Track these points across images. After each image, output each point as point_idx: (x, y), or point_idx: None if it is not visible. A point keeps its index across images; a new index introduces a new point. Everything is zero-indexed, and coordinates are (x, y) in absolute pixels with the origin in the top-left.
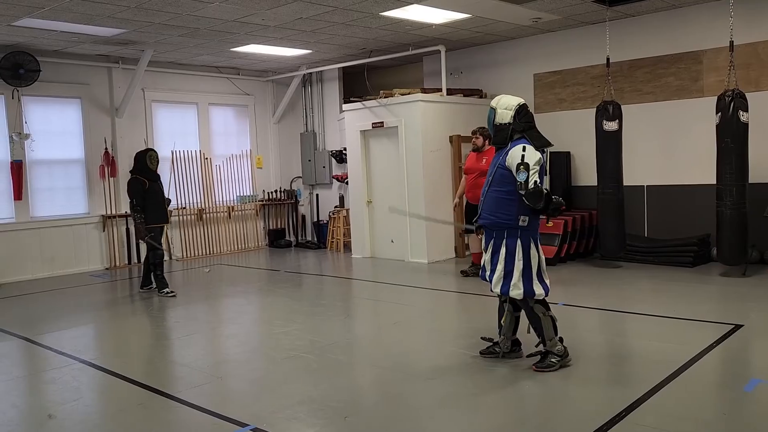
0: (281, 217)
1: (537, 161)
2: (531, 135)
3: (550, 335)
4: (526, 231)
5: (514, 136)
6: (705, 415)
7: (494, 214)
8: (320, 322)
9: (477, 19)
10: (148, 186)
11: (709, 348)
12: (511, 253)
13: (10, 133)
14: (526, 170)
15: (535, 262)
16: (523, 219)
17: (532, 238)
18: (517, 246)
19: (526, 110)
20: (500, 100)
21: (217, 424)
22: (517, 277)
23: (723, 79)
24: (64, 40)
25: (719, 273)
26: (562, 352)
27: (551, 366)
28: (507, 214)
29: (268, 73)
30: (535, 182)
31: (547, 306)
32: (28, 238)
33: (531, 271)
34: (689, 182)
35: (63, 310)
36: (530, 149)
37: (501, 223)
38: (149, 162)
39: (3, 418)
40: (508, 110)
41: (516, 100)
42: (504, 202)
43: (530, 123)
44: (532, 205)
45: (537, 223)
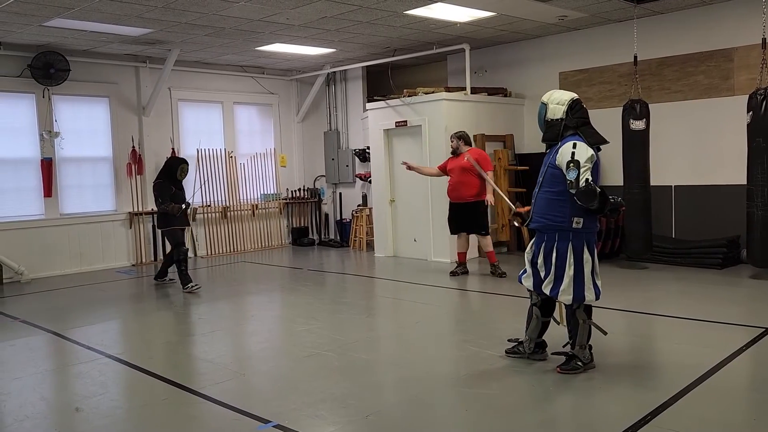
0: (304, 215)
1: (589, 158)
2: (585, 132)
3: (582, 342)
4: (579, 234)
5: (566, 132)
6: (733, 420)
7: (545, 216)
8: (342, 321)
9: (502, 18)
10: (174, 192)
11: (738, 352)
12: (563, 257)
13: (41, 131)
14: (577, 168)
15: (588, 266)
16: (577, 221)
17: (586, 240)
18: (568, 250)
19: (580, 105)
20: (552, 95)
21: (239, 419)
22: (567, 283)
23: (755, 77)
24: (93, 40)
25: (749, 275)
26: (588, 359)
27: (575, 369)
28: (559, 216)
29: (293, 72)
30: (586, 180)
31: (590, 313)
32: (58, 234)
33: (583, 275)
34: (719, 183)
35: (90, 305)
36: (581, 146)
37: (553, 225)
38: (180, 173)
39: (32, 411)
40: (561, 105)
41: (569, 95)
42: (555, 203)
43: (584, 119)
44: (585, 204)
45: (594, 224)
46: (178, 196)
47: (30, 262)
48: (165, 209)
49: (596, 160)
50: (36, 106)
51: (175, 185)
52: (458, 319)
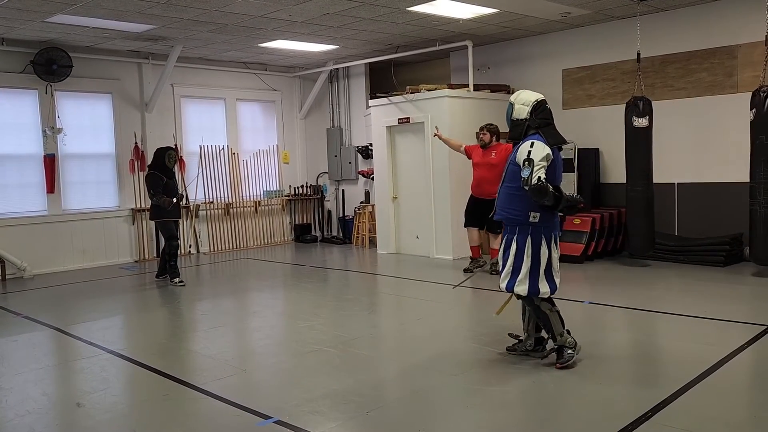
0: (307, 212)
1: (544, 157)
2: (546, 132)
3: (560, 330)
4: (537, 228)
5: (529, 132)
6: (734, 417)
7: (506, 210)
8: (344, 317)
9: (505, 14)
10: (165, 182)
11: (739, 349)
12: (521, 250)
13: (44, 127)
14: (530, 166)
15: (544, 259)
16: (534, 215)
17: (545, 235)
18: (526, 243)
19: (543, 106)
20: (519, 95)
21: (240, 415)
22: (524, 274)
23: (758, 75)
24: (96, 36)
25: (752, 273)
26: (573, 343)
27: (570, 358)
28: (517, 210)
29: (295, 69)
30: (538, 178)
31: (552, 302)
32: (61, 230)
33: (539, 268)
34: (722, 180)
35: (93, 301)
36: (538, 145)
37: (512, 219)
38: (167, 160)
39: (34, 406)
40: (525, 106)
41: (534, 96)
42: (515, 197)
43: (547, 120)
44: (537, 201)
45: (553, 219)
46: (170, 186)
47: (33, 258)
48: (157, 201)
49: (556, 159)
50: (39, 102)
51: (166, 175)
52: (459, 315)
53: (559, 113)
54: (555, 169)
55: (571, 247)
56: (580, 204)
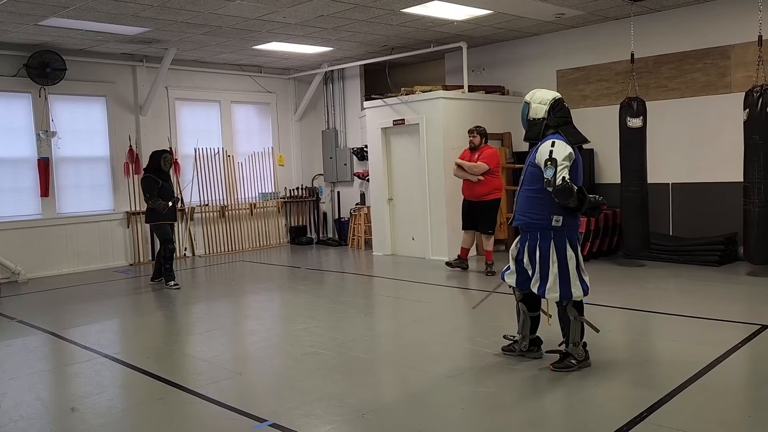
0: (303, 214)
1: (567, 156)
2: (566, 131)
3: (576, 339)
4: (560, 231)
5: (548, 131)
6: (729, 417)
7: (526, 214)
8: (340, 319)
9: (499, 15)
10: (161, 185)
11: (734, 349)
12: (545, 256)
13: (37, 130)
14: (554, 166)
15: (572, 263)
16: (557, 219)
17: (568, 238)
18: (551, 248)
19: (561, 105)
20: (534, 94)
21: (236, 419)
22: (553, 281)
23: (751, 75)
24: (90, 39)
25: (746, 272)
26: (582, 357)
27: (569, 367)
28: (539, 214)
29: (290, 71)
30: (563, 178)
31: (581, 310)
32: (55, 234)
33: (567, 272)
34: (716, 180)
35: (88, 305)
36: (560, 144)
37: (533, 224)
38: (163, 163)
39: (28, 411)
40: (543, 105)
41: (551, 95)
42: (535, 201)
43: (566, 118)
44: (562, 202)
45: (575, 222)
46: (165, 189)
47: (27, 262)
48: (152, 205)
49: (577, 159)
50: (32, 105)
51: (162, 177)
52: (455, 317)
53: None
54: (577, 170)
55: None
56: (603, 205)
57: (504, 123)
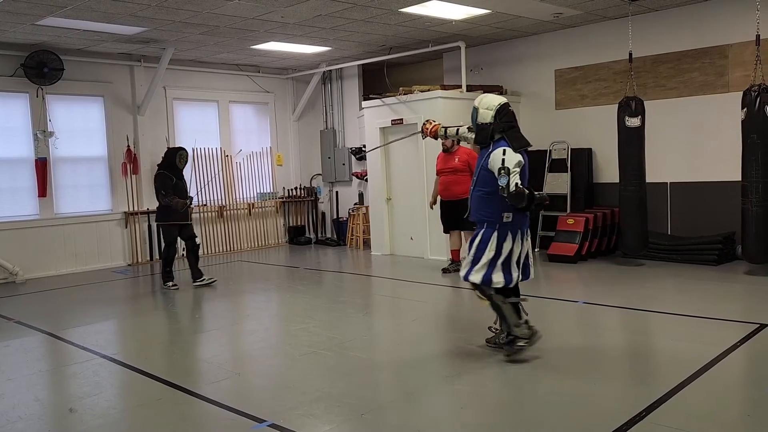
0: (301, 214)
1: (517, 163)
2: (510, 136)
3: (515, 321)
4: (506, 225)
5: (495, 135)
6: (728, 416)
7: (479, 212)
8: (339, 319)
9: (497, 15)
10: (174, 182)
11: (732, 347)
12: (485, 241)
13: (35, 131)
14: (507, 174)
15: (505, 253)
16: (507, 216)
17: (511, 231)
18: (492, 236)
19: (507, 110)
20: (482, 99)
21: (234, 419)
22: (482, 264)
23: (749, 74)
24: (87, 39)
25: (744, 271)
26: (527, 335)
27: (518, 351)
28: (490, 212)
29: (288, 71)
30: (516, 184)
31: (507, 293)
32: (53, 234)
33: (497, 260)
34: (714, 179)
35: (86, 305)
36: (510, 152)
37: (486, 220)
38: (178, 161)
39: (26, 412)
40: (489, 110)
41: (497, 100)
42: (487, 200)
43: (511, 123)
44: (515, 205)
45: (522, 218)
46: (179, 187)
47: (25, 263)
48: (168, 202)
49: (527, 161)
50: (30, 105)
51: (176, 175)
52: (454, 316)
53: (552, 113)
54: (524, 172)
55: (565, 247)
56: (546, 201)
57: None
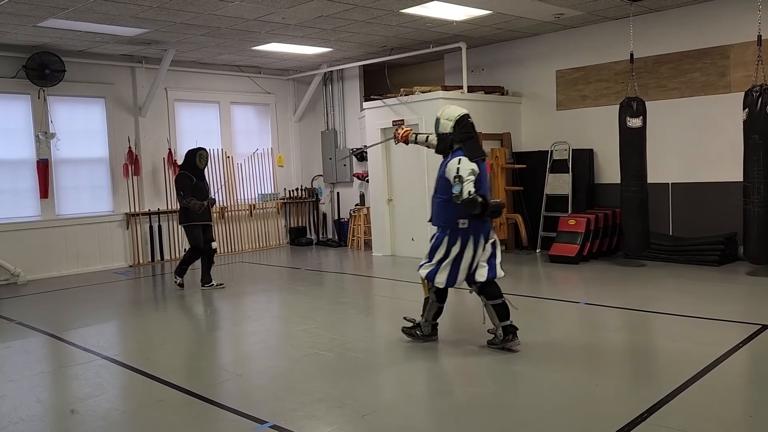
0: (302, 215)
1: (470, 172)
2: (467, 146)
3: (428, 317)
4: (459, 231)
5: (454, 145)
6: (730, 416)
7: (438, 218)
8: (340, 320)
9: (498, 16)
10: (195, 183)
11: (735, 348)
12: (437, 245)
13: (37, 132)
14: (461, 182)
15: (452, 256)
16: (463, 222)
17: (464, 237)
18: (444, 240)
19: (465, 121)
20: (444, 110)
21: (236, 420)
22: (433, 262)
23: (751, 75)
24: (88, 41)
25: (746, 272)
26: (428, 333)
27: (413, 336)
28: (447, 219)
29: (289, 72)
30: (469, 192)
31: (441, 298)
32: (54, 235)
33: (444, 261)
34: (716, 180)
35: (87, 306)
36: (465, 161)
37: (444, 225)
38: (198, 160)
39: (27, 413)
40: (449, 121)
41: (457, 112)
42: (445, 207)
43: (469, 133)
44: (469, 212)
45: (480, 224)
46: (199, 188)
47: (26, 264)
48: (186, 204)
49: (482, 171)
50: (31, 107)
51: (197, 175)
52: (455, 318)
53: (553, 114)
54: (480, 180)
55: (566, 248)
56: (503, 208)
57: (503, 123)
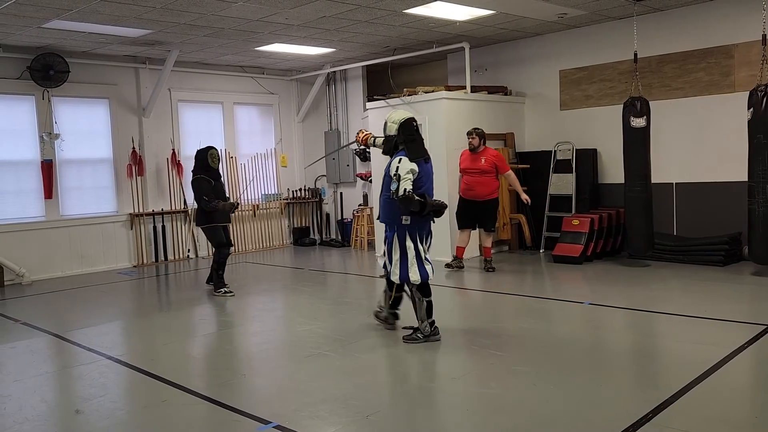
0: (305, 215)
1: (409, 171)
2: (409, 147)
3: (423, 317)
4: (404, 227)
5: (399, 147)
6: (735, 417)
7: (384, 214)
8: (343, 320)
9: (501, 16)
10: (213, 185)
11: (740, 349)
12: (391, 243)
13: (41, 133)
14: (398, 180)
15: (411, 253)
16: (405, 219)
17: (409, 232)
18: (394, 238)
19: (408, 124)
20: (391, 115)
21: (239, 421)
22: (395, 264)
23: (755, 74)
24: (92, 42)
25: (751, 272)
26: (428, 332)
27: (415, 340)
28: (393, 215)
29: (293, 72)
30: (405, 190)
31: (425, 292)
32: (58, 236)
33: (406, 259)
34: (720, 180)
35: (92, 306)
36: (405, 161)
37: (389, 221)
38: (210, 160)
39: (32, 413)
40: (394, 124)
41: (401, 116)
42: (390, 204)
43: (412, 136)
44: (405, 208)
45: (422, 222)
46: (218, 189)
47: (31, 264)
48: (214, 207)
49: (424, 171)
50: (36, 108)
51: (212, 176)
52: (460, 318)
53: (557, 114)
54: (423, 179)
55: (570, 248)
56: (444, 207)
57: (507, 123)
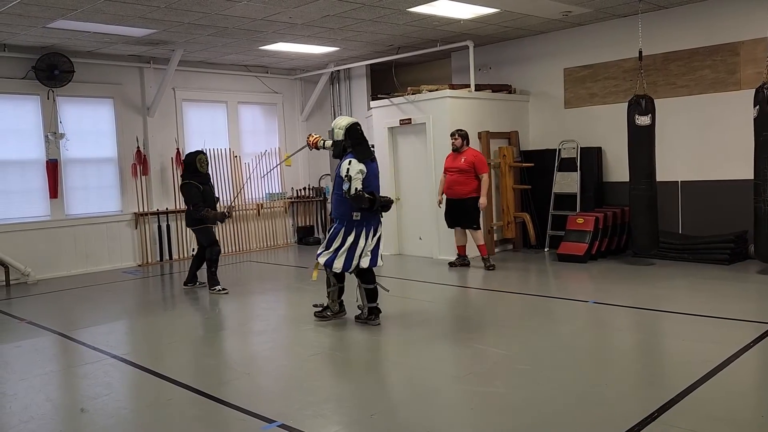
0: (310, 214)
1: (358, 171)
2: (356, 150)
3: (333, 298)
4: (354, 222)
5: (347, 150)
6: (741, 416)
7: (336, 211)
8: (347, 320)
9: (506, 14)
10: (202, 190)
11: (746, 348)
12: (335, 234)
13: (46, 132)
14: (349, 181)
15: (348, 244)
16: (356, 215)
17: (357, 228)
18: (341, 231)
19: (354, 129)
20: (337, 121)
21: (244, 419)
22: (330, 250)
23: (761, 71)
24: (97, 41)
25: (757, 271)
26: (336, 311)
27: (325, 318)
28: (343, 212)
29: (296, 71)
30: (356, 189)
31: (340, 279)
32: (63, 235)
33: (341, 249)
34: (726, 178)
35: (96, 306)
36: (354, 163)
37: (341, 218)
38: (199, 165)
39: (37, 412)
40: (341, 129)
41: (346, 121)
42: (342, 201)
43: (358, 140)
44: (357, 206)
45: (371, 217)
46: (207, 194)
47: (36, 264)
48: (204, 215)
49: (371, 171)
50: (41, 107)
51: (201, 181)
52: (463, 316)
53: (561, 112)
54: (371, 178)
55: (575, 247)
56: (391, 203)
57: (511, 122)
